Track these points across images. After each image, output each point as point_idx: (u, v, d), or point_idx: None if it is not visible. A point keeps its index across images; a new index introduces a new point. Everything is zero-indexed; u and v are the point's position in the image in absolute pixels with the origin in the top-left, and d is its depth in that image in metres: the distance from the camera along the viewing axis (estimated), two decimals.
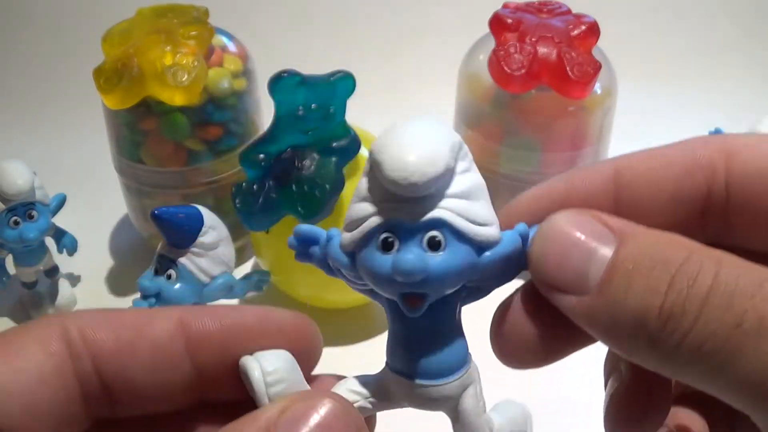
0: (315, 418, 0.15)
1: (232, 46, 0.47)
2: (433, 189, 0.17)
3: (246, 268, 0.51)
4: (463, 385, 0.19)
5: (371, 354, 0.44)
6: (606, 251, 0.15)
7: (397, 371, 0.19)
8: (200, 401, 0.18)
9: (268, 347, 0.18)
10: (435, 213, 0.17)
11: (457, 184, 0.17)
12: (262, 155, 0.39)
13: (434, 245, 0.16)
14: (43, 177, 0.44)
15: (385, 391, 0.20)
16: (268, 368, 0.18)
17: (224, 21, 0.48)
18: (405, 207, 0.17)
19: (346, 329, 0.45)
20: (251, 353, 0.18)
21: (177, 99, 0.41)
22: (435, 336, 0.18)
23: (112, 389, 0.16)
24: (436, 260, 0.16)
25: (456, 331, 0.18)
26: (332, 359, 0.46)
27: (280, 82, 0.39)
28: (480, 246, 0.17)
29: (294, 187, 0.38)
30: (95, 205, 0.57)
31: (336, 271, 0.19)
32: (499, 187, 0.46)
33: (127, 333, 0.16)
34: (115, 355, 0.16)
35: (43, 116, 0.70)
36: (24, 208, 0.42)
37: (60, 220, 0.46)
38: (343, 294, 0.44)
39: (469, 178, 0.17)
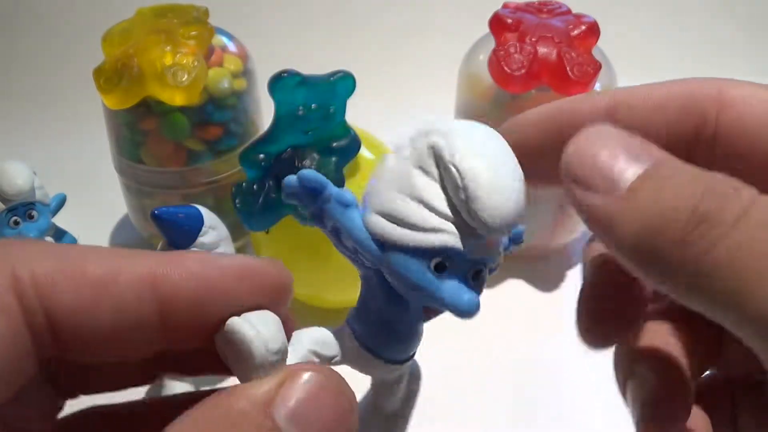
0: (315, 393, 0.15)
1: (232, 46, 0.47)
2: None
3: None
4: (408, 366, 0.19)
5: None
6: (644, 161, 0.14)
7: (368, 348, 0.19)
8: (162, 352, 0.16)
9: (248, 307, 0.16)
10: (497, 256, 0.17)
11: None
12: (262, 155, 0.39)
13: (476, 278, 0.17)
14: (43, 177, 0.44)
15: (341, 351, 0.19)
16: (267, 335, 0.16)
17: (224, 21, 0.48)
18: (474, 241, 0.16)
19: None
20: (231, 315, 0.16)
21: (177, 99, 0.41)
22: (415, 331, 0.19)
23: (67, 346, 0.15)
24: (479, 299, 0.17)
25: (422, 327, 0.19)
26: None
27: (280, 82, 0.39)
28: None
29: None
30: (95, 205, 0.57)
31: (330, 231, 0.18)
32: None
33: (89, 291, 0.14)
34: (73, 314, 0.14)
35: (43, 116, 0.70)
36: (24, 208, 0.42)
37: (60, 220, 0.46)
38: (342, 294, 0.44)
39: None
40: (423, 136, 0.17)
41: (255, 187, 0.39)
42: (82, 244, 0.16)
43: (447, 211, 0.16)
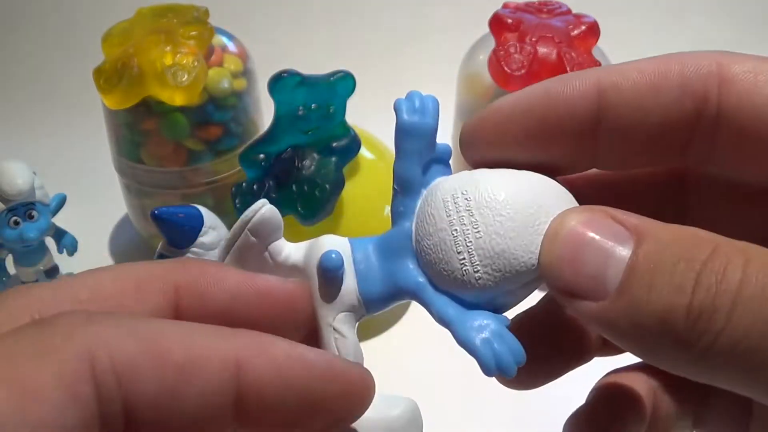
0: None
1: (232, 46, 0.47)
2: None
3: None
4: None
5: (371, 354, 0.44)
6: (623, 251, 0.14)
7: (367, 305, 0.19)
8: None
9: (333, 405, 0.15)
10: None
11: None
12: (262, 155, 0.39)
13: None
14: (43, 177, 0.44)
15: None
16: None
17: (224, 21, 0.48)
18: None
19: (378, 318, 0.45)
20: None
21: (177, 99, 0.41)
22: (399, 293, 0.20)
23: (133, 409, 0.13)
24: None
25: None
26: None
27: (280, 82, 0.39)
28: None
29: (294, 187, 0.38)
30: (95, 205, 0.57)
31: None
32: None
33: (172, 378, 0.13)
34: (153, 403, 0.13)
35: (43, 116, 0.70)
36: (24, 208, 0.42)
37: (60, 220, 0.46)
38: None
39: None
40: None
41: (255, 187, 0.39)
42: (157, 319, 0.14)
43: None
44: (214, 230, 0.37)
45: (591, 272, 0.14)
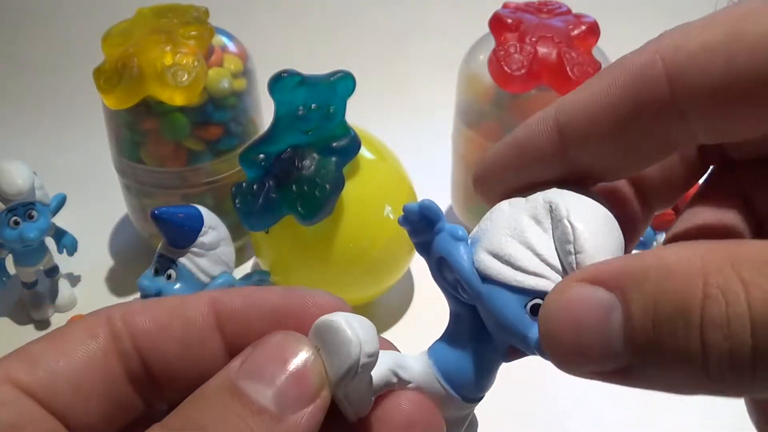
0: (271, 350, 0.16)
1: (232, 46, 0.47)
2: None
3: (246, 268, 0.51)
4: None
5: None
6: (615, 315, 0.14)
7: (447, 382, 0.19)
8: None
9: (294, 326, 0.17)
10: None
11: None
12: (262, 155, 0.39)
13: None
14: (43, 177, 0.44)
15: (414, 388, 0.19)
16: (364, 337, 0.16)
17: (224, 21, 0.48)
18: None
19: (378, 318, 0.45)
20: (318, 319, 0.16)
21: (177, 99, 0.41)
22: (494, 373, 0.19)
23: (151, 366, 0.17)
24: None
25: None
26: None
27: (280, 82, 0.39)
28: None
29: (294, 187, 0.38)
30: (95, 205, 0.57)
31: (434, 262, 0.19)
32: None
33: (163, 314, 0.17)
34: (151, 333, 0.17)
35: (43, 116, 0.70)
36: (24, 208, 0.42)
37: (60, 220, 0.46)
38: (341, 294, 0.44)
39: None
40: (539, 194, 0.18)
41: (255, 187, 0.39)
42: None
43: (553, 261, 0.17)
44: (214, 230, 0.37)
45: (596, 344, 0.14)
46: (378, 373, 0.17)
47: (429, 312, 0.47)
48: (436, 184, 0.54)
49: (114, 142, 0.47)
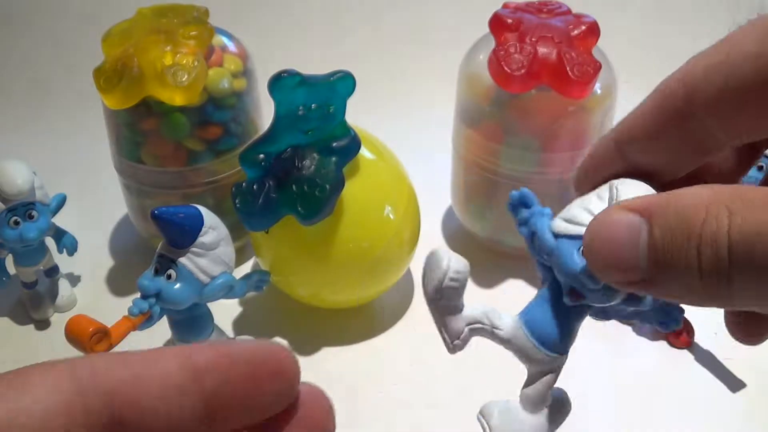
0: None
1: (232, 46, 0.47)
2: None
3: (246, 268, 0.51)
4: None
5: (371, 354, 0.44)
6: (643, 234, 0.18)
7: (534, 336, 0.24)
8: None
9: (269, 378, 0.18)
10: None
11: None
12: (262, 155, 0.39)
13: None
14: (43, 177, 0.44)
15: (504, 336, 0.24)
16: (456, 260, 0.23)
17: (224, 21, 0.48)
18: None
19: (346, 329, 0.45)
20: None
21: (177, 99, 0.41)
22: (573, 328, 0.24)
23: (124, 422, 0.16)
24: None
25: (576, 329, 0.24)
26: (332, 359, 0.46)
27: (280, 82, 0.39)
28: None
29: (294, 187, 0.38)
30: (95, 205, 0.57)
31: (528, 236, 0.24)
32: (499, 187, 0.46)
33: (137, 365, 0.17)
34: (125, 385, 0.16)
35: (43, 116, 0.70)
36: (24, 208, 0.42)
37: (60, 220, 0.46)
38: (341, 294, 0.44)
39: None
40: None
41: (255, 187, 0.39)
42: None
43: None
44: (214, 230, 0.37)
45: (626, 260, 0.18)
46: (471, 309, 0.24)
47: (429, 312, 0.47)
48: (436, 184, 0.54)
49: (114, 142, 0.47)
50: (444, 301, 0.24)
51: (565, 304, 0.23)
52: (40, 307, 0.46)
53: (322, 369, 0.42)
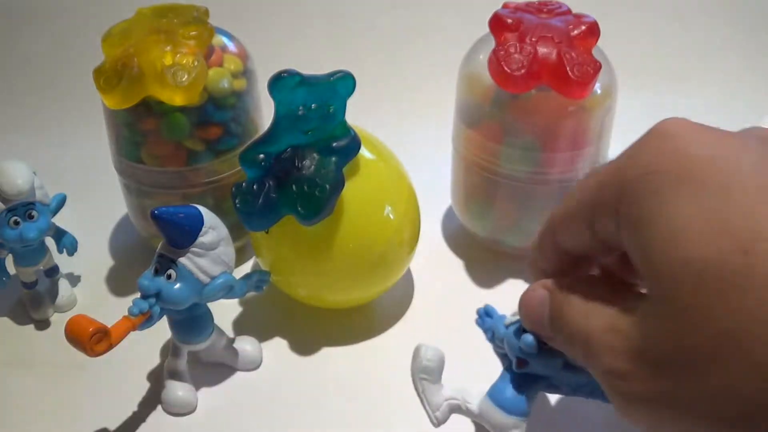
0: None
1: (232, 46, 0.47)
2: None
3: (246, 268, 0.51)
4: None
5: (371, 354, 0.44)
6: (546, 305, 0.26)
7: (508, 410, 0.31)
8: None
9: None
10: None
11: None
12: (262, 155, 0.39)
13: None
14: (43, 177, 0.44)
15: (474, 410, 0.32)
16: (429, 351, 0.31)
17: (224, 21, 0.48)
18: None
19: (346, 329, 0.45)
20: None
21: (177, 99, 0.41)
22: (527, 393, 0.31)
23: None
24: None
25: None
26: (332, 359, 0.46)
27: (280, 82, 0.39)
28: None
29: (294, 187, 0.38)
30: (95, 205, 0.57)
31: (491, 335, 0.33)
32: (499, 187, 0.46)
33: None
34: None
35: (43, 116, 0.70)
36: (24, 208, 0.42)
37: (60, 220, 0.46)
38: (341, 294, 0.44)
39: None
40: None
41: (255, 187, 0.39)
42: None
43: None
44: (214, 230, 0.37)
45: (541, 321, 0.26)
46: (448, 388, 0.32)
47: (429, 312, 0.47)
48: (436, 184, 0.54)
49: (114, 142, 0.47)
50: (425, 377, 0.31)
51: (522, 378, 0.30)
52: (40, 307, 0.46)
53: (322, 369, 0.42)
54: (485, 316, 0.33)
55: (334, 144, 0.38)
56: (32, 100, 0.71)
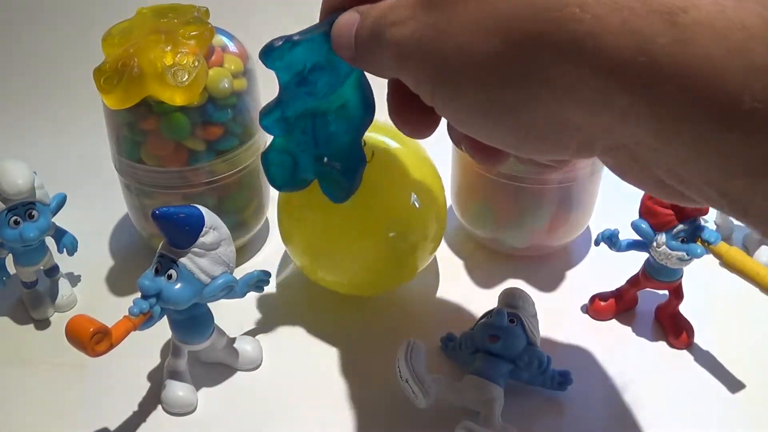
0: None
1: (232, 46, 0.47)
2: None
3: (247, 268, 0.51)
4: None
5: (370, 354, 0.44)
6: (355, 26, 0.28)
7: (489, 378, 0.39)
8: None
9: None
10: None
11: None
12: (280, 115, 0.37)
13: None
14: (43, 177, 0.44)
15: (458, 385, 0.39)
16: (415, 343, 0.37)
17: (224, 21, 0.48)
18: None
19: (346, 329, 0.45)
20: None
21: (177, 99, 0.41)
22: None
23: None
24: None
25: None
26: (332, 359, 0.46)
27: (273, 53, 0.36)
28: None
29: (318, 166, 0.38)
30: (95, 205, 0.57)
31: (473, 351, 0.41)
32: (499, 187, 0.46)
33: None
34: None
35: (43, 116, 0.70)
36: (24, 207, 0.42)
37: (60, 220, 0.46)
38: (368, 281, 0.44)
39: None
40: None
41: (288, 147, 0.38)
42: None
43: None
44: (214, 230, 0.37)
45: (347, 40, 0.29)
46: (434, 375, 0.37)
47: (429, 312, 0.47)
48: None
49: (114, 142, 0.47)
50: (413, 356, 0.36)
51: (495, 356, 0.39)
52: (40, 307, 0.46)
53: (322, 369, 0.42)
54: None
55: (349, 115, 0.37)
56: (32, 100, 0.71)
